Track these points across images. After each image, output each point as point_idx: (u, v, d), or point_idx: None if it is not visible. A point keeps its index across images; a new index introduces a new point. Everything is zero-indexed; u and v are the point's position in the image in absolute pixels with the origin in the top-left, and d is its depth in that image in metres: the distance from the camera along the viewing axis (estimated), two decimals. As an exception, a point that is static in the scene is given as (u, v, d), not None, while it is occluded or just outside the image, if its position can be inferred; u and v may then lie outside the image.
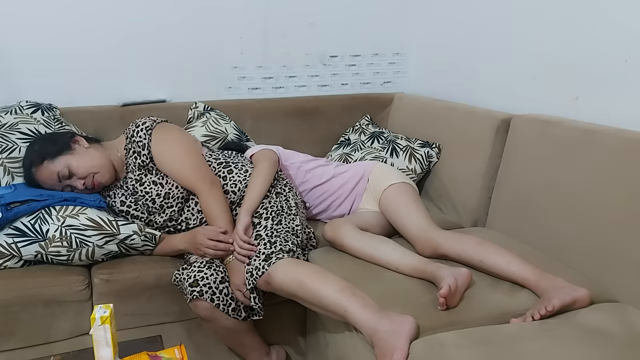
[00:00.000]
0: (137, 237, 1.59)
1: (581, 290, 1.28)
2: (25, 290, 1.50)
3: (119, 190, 1.67)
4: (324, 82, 2.45)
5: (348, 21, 2.40)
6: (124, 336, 1.29)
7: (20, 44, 1.95)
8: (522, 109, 1.84)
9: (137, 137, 1.62)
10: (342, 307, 1.27)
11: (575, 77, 1.70)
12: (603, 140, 1.48)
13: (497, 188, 1.84)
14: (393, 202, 1.73)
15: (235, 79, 2.30)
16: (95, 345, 1.08)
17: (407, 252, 1.51)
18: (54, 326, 1.55)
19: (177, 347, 1.16)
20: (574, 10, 1.68)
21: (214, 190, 1.61)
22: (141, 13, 2.08)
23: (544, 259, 1.50)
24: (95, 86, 2.08)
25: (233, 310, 1.50)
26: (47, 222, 1.51)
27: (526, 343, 1.13)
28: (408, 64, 2.56)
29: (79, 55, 2.03)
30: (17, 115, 1.80)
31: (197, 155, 1.67)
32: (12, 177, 1.68)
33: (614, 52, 1.57)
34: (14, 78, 1.97)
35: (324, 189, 1.86)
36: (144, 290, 1.60)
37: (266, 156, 1.74)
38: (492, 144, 1.84)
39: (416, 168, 2.08)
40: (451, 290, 1.27)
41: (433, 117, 2.18)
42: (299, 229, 1.60)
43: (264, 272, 1.41)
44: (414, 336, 1.18)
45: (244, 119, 2.20)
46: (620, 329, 1.18)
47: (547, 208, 1.62)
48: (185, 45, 2.17)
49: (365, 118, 2.38)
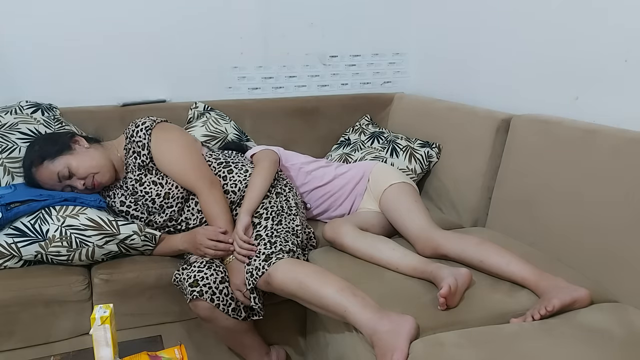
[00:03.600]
0: (137, 237, 1.59)
1: (581, 290, 1.28)
2: (25, 290, 1.50)
3: (118, 191, 1.67)
4: (324, 82, 2.45)
5: (348, 21, 2.40)
6: (124, 336, 1.29)
7: (20, 44, 1.96)
8: (522, 109, 1.84)
9: (136, 137, 1.62)
10: (342, 307, 1.27)
11: (575, 77, 1.70)
12: (603, 140, 1.48)
13: (497, 188, 1.84)
14: (393, 202, 1.73)
15: (235, 79, 2.30)
16: (95, 345, 1.08)
17: (407, 252, 1.51)
18: (54, 326, 1.55)
19: (177, 347, 1.16)
20: (574, 11, 1.68)
21: (214, 190, 1.61)
22: (141, 13, 2.08)
23: (544, 259, 1.50)
24: (95, 86, 2.08)
25: (233, 310, 1.50)
26: (47, 222, 1.51)
27: (526, 343, 1.13)
28: (408, 64, 2.56)
29: (79, 55, 2.04)
30: (17, 115, 1.80)
31: (197, 155, 1.67)
32: (12, 177, 1.68)
33: (614, 52, 1.57)
34: (14, 78, 1.97)
35: (325, 190, 1.86)
36: (144, 290, 1.60)
37: (266, 156, 1.74)
38: (492, 144, 1.84)
39: (416, 168, 2.08)
40: (451, 290, 1.27)
41: (433, 117, 2.18)
42: (299, 229, 1.60)
43: (264, 272, 1.41)
44: (414, 336, 1.18)
45: (244, 119, 2.20)
46: (620, 329, 1.19)
47: (547, 208, 1.62)
48: (185, 45, 2.17)
49: (365, 118, 2.38)
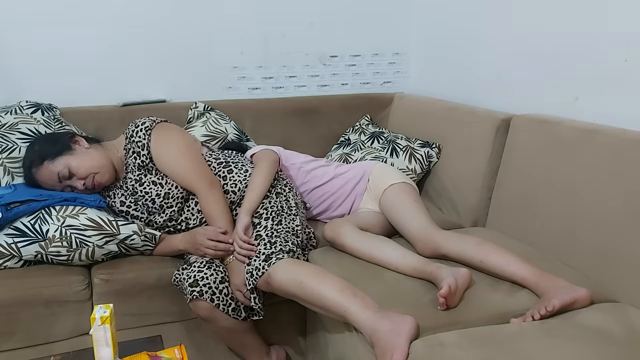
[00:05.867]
0: (137, 237, 1.59)
1: (581, 290, 1.28)
2: (25, 290, 1.50)
3: (118, 191, 1.67)
4: (324, 82, 2.45)
5: (348, 21, 2.40)
6: (124, 336, 1.29)
7: (20, 44, 1.96)
8: (522, 109, 1.84)
9: (136, 137, 1.62)
10: (342, 307, 1.27)
11: (575, 77, 1.70)
12: (603, 140, 1.48)
13: (497, 188, 1.84)
14: (393, 201, 1.73)
15: (235, 79, 2.30)
16: (95, 345, 1.08)
17: (407, 252, 1.50)
18: (54, 326, 1.55)
19: (177, 347, 1.16)
20: (574, 11, 1.68)
21: (214, 191, 1.61)
22: (141, 13, 2.08)
23: (544, 259, 1.50)
24: (95, 86, 2.08)
25: (233, 310, 1.50)
26: (47, 222, 1.51)
27: (526, 343, 1.13)
28: (408, 64, 2.56)
29: (80, 55, 2.04)
30: (17, 115, 1.80)
31: (197, 156, 1.67)
32: (12, 177, 1.68)
33: (614, 52, 1.57)
34: (14, 78, 1.97)
35: (325, 189, 1.86)
36: (144, 290, 1.60)
37: (266, 156, 1.74)
38: (492, 144, 1.84)
39: (416, 168, 2.08)
40: (451, 290, 1.27)
41: (433, 117, 2.18)
42: (299, 229, 1.60)
43: (264, 273, 1.41)
44: (414, 336, 1.18)
45: (244, 119, 2.20)
46: (620, 329, 1.18)
47: (547, 208, 1.62)
48: (185, 45, 2.17)
49: (365, 118, 2.38)
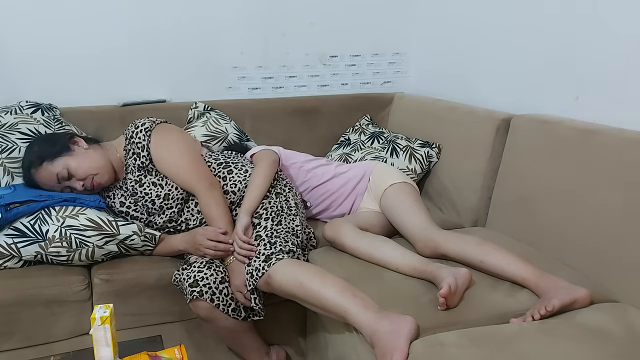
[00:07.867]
0: (136, 238, 1.59)
1: (581, 290, 1.28)
2: (25, 290, 1.50)
3: (118, 191, 1.67)
4: (324, 82, 2.45)
5: (348, 21, 2.40)
6: (124, 336, 1.29)
7: (20, 44, 1.96)
8: (522, 109, 1.84)
9: (136, 138, 1.62)
10: (342, 307, 1.27)
11: (575, 77, 1.70)
12: (603, 140, 1.48)
13: (497, 188, 1.84)
14: (394, 201, 1.73)
15: (235, 79, 2.30)
16: (95, 345, 1.08)
17: (407, 252, 1.50)
18: (54, 326, 1.55)
19: (177, 347, 1.16)
20: (574, 11, 1.68)
21: (214, 191, 1.61)
22: (141, 13, 2.08)
23: (544, 259, 1.50)
24: (95, 86, 2.08)
25: (233, 310, 1.50)
26: (47, 223, 1.51)
27: (526, 343, 1.13)
28: (408, 64, 2.56)
29: (79, 55, 2.04)
30: (17, 115, 1.80)
31: (197, 156, 1.67)
32: (12, 177, 1.68)
33: (614, 52, 1.57)
34: (14, 78, 1.97)
35: (325, 188, 1.86)
36: (144, 290, 1.60)
37: (266, 156, 1.74)
38: (492, 144, 1.84)
39: (416, 168, 2.08)
40: (451, 290, 1.27)
41: (433, 117, 2.18)
42: (299, 229, 1.60)
43: (264, 273, 1.41)
44: (414, 336, 1.18)
45: (244, 119, 2.20)
46: (620, 329, 1.18)
47: (547, 208, 1.62)
48: (185, 45, 2.17)
49: (365, 118, 2.38)
